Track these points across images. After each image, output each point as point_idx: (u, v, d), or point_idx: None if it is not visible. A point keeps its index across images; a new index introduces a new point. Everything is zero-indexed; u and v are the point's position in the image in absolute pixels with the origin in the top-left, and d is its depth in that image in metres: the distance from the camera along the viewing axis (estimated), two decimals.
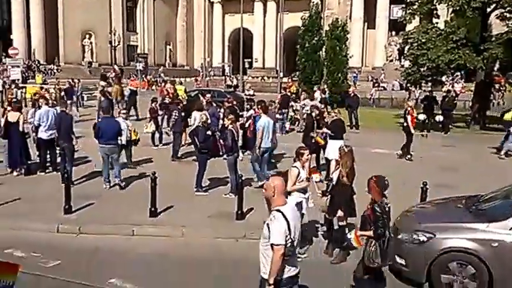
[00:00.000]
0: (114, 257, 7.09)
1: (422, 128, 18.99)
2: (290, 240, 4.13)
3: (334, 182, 6.96)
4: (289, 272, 4.22)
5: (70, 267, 6.69)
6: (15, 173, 11.38)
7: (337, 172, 6.97)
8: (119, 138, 10.66)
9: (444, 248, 5.99)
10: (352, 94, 21.76)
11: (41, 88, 21.98)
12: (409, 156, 14.27)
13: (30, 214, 8.58)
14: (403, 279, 6.36)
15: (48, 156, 11.85)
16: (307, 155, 7.22)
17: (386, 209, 5.24)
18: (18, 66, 27.19)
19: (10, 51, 29.20)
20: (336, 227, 7.24)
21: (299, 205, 6.94)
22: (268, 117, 11.12)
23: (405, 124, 14.42)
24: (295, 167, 7.04)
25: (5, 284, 2.21)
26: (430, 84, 24.11)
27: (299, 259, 6.94)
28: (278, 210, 4.21)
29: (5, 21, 51.08)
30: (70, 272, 6.49)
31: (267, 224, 4.20)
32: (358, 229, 5.50)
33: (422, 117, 18.79)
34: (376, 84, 38.13)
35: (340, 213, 6.85)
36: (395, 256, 6.39)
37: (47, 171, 11.66)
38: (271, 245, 4.10)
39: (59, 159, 11.41)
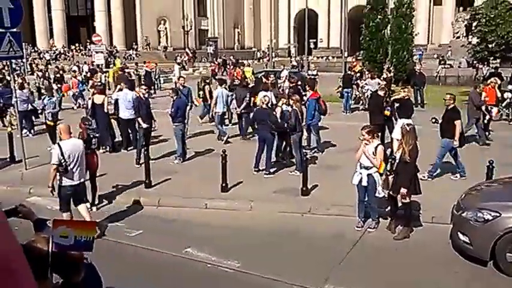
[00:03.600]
0: (189, 227, 7.73)
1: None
2: (64, 162, 6.84)
3: (397, 160, 7.09)
4: (67, 182, 7.01)
5: (151, 237, 7.41)
6: (101, 150, 12.46)
7: (400, 150, 7.08)
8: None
9: (510, 227, 5.96)
10: (418, 72, 21.12)
11: (122, 69, 23.47)
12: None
13: (116, 188, 9.53)
14: (466, 256, 6.40)
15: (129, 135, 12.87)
16: (362, 134, 7.30)
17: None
18: (101, 52, 29.02)
19: (94, 38, 31.07)
20: (399, 204, 7.37)
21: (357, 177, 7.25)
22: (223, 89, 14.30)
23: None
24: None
25: (86, 239, 2.39)
26: (498, 61, 22.72)
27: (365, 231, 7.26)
28: (58, 143, 7.21)
29: (88, 10, 54.47)
30: (151, 240, 7.21)
31: None
32: None
33: (507, 95, 17.66)
34: (443, 62, 36.38)
35: (403, 190, 6.97)
36: (459, 233, 6.45)
37: (129, 148, 12.70)
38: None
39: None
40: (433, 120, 10.69)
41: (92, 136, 8.54)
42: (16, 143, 11.52)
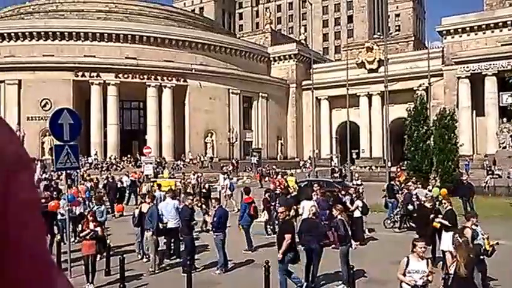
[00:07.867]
0: None
1: None
2: None
3: (452, 275, 6.65)
4: None
5: None
6: (145, 260, 12.49)
7: (454, 264, 6.68)
8: None
9: None
10: (466, 183, 20.69)
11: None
12: None
13: None
14: None
15: (172, 244, 12.88)
16: (421, 247, 7.03)
17: None
18: (151, 163, 30.51)
19: (145, 150, 32.87)
20: None
21: None
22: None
23: None
24: (407, 256, 6.95)
25: None
26: None
27: None
28: None
29: (141, 125, 58.49)
30: None
31: None
32: None
33: None
34: (490, 172, 35.42)
35: None
36: None
37: (172, 258, 12.62)
38: None
39: (182, 247, 12.30)
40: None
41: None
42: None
